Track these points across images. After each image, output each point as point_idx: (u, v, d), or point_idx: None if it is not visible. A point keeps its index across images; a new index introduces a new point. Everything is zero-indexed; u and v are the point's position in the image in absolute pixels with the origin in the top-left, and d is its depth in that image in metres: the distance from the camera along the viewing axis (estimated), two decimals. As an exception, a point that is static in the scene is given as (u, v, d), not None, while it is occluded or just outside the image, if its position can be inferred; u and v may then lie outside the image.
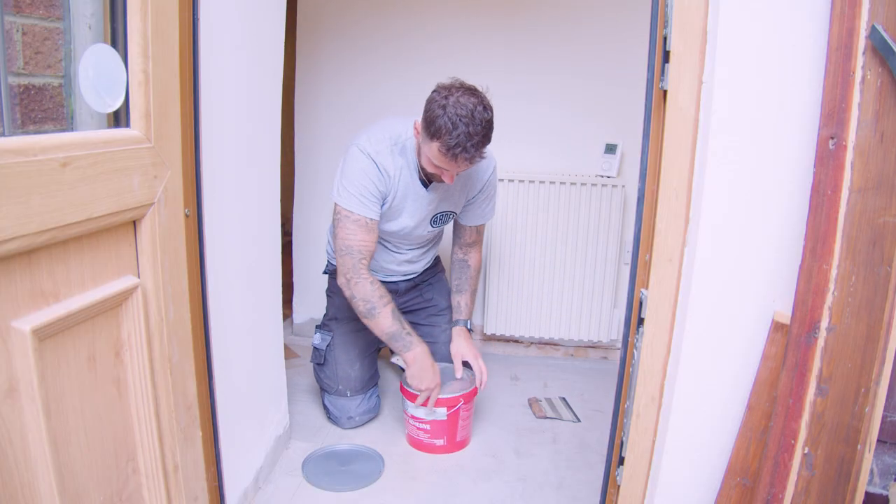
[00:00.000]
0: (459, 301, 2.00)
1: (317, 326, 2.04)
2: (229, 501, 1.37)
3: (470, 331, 1.99)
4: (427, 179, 1.74)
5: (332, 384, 1.93)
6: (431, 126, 1.53)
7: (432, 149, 1.56)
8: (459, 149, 1.51)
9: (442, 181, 1.66)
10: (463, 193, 1.85)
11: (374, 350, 2.05)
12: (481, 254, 2.05)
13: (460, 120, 1.50)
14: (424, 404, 1.73)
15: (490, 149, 1.72)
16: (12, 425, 0.74)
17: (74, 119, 1.03)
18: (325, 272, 2.11)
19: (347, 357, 1.94)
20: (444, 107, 1.52)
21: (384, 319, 1.71)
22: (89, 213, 0.83)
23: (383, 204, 1.72)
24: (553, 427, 1.99)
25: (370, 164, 1.67)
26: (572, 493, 1.63)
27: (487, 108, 1.57)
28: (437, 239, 2.05)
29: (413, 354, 1.73)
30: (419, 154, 1.67)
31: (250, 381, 1.52)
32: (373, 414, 1.97)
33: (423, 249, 1.98)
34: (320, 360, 1.95)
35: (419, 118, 1.60)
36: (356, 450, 1.79)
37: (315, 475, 1.66)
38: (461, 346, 1.92)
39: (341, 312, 2.00)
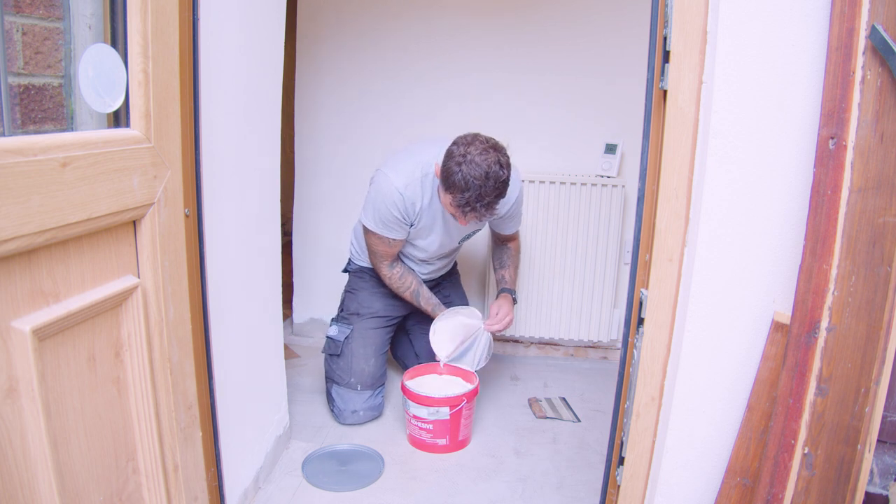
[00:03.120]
0: (503, 274, 2.10)
1: (332, 319, 2.05)
2: (229, 501, 1.37)
3: (515, 301, 2.08)
4: None
5: (344, 376, 1.93)
6: (447, 180, 1.61)
7: (447, 198, 1.65)
8: (468, 208, 1.60)
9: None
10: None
11: (386, 350, 2.06)
12: (518, 241, 2.16)
13: (474, 181, 1.56)
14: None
15: (515, 166, 1.77)
16: (12, 425, 0.74)
17: (74, 119, 1.03)
18: (345, 270, 2.17)
19: (364, 352, 1.95)
20: (460, 164, 1.57)
21: (407, 297, 1.97)
22: (89, 213, 0.83)
23: (411, 225, 1.84)
24: (553, 427, 1.99)
25: (397, 197, 1.75)
26: (572, 493, 1.63)
27: (504, 166, 1.61)
28: (458, 250, 2.13)
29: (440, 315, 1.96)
30: (443, 201, 1.73)
31: (250, 381, 1.52)
32: (376, 413, 1.97)
33: (449, 258, 2.11)
34: (336, 351, 1.96)
35: (444, 151, 1.66)
36: (356, 450, 1.79)
37: (315, 475, 1.66)
38: (502, 306, 2.02)
39: (364, 309, 2.02)
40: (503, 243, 2.13)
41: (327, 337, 2.01)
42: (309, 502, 1.56)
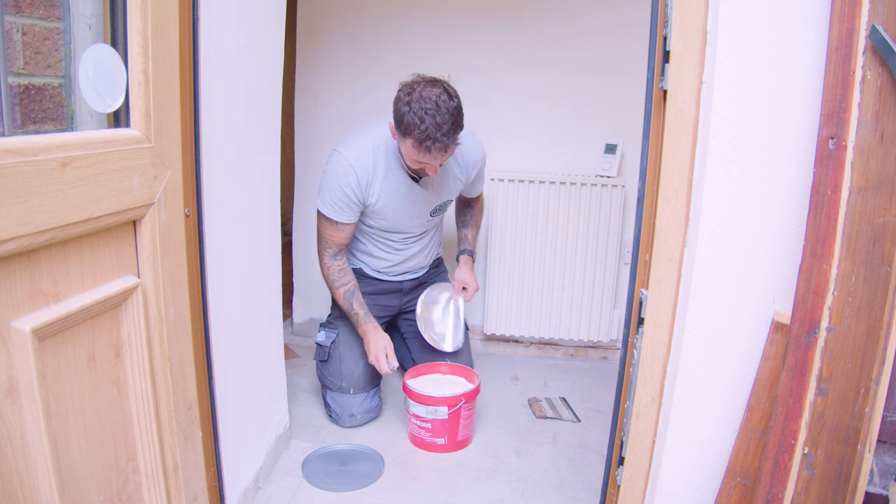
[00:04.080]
0: (466, 234, 2.14)
1: (321, 325, 2.05)
2: (229, 501, 1.37)
3: (473, 260, 2.13)
4: (417, 175, 1.82)
5: (335, 381, 1.93)
6: (401, 125, 1.61)
7: (407, 146, 1.63)
8: (430, 141, 1.57)
9: (428, 174, 1.74)
10: (457, 183, 1.95)
11: None
12: (482, 201, 2.19)
13: (426, 113, 1.56)
14: (381, 368, 1.88)
15: (473, 131, 1.92)
16: (12, 425, 0.74)
17: (74, 119, 1.03)
18: None
19: (352, 354, 1.94)
20: (408, 103, 1.58)
21: (338, 297, 1.92)
22: (89, 213, 0.83)
23: (367, 206, 1.83)
24: (553, 427, 1.99)
25: (348, 170, 1.77)
26: (572, 493, 1.63)
27: (452, 95, 1.62)
28: (437, 230, 2.11)
29: (362, 329, 1.91)
30: (403, 156, 1.73)
31: (250, 381, 1.52)
32: (374, 414, 1.97)
33: (426, 240, 2.06)
34: (324, 356, 1.96)
35: (392, 122, 1.68)
36: (356, 450, 1.79)
37: (315, 475, 1.66)
38: (464, 275, 2.08)
39: None
40: (468, 205, 2.16)
41: (316, 343, 2.01)
42: (309, 502, 1.56)
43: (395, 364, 1.88)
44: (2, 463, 0.73)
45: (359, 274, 2.05)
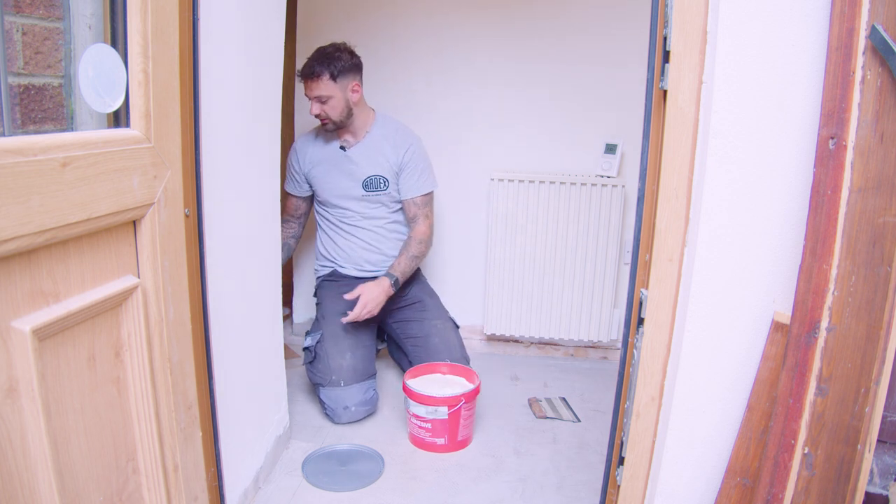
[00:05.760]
0: (397, 260, 2.11)
1: (307, 332, 2.07)
2: (229, 501, 1.37)
3: (394, 285, 2.04)
4: (347, 146, 2.10)
5: (325, 376, 1.93)
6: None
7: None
8: (303, 68, 1.96)
9: (327, 126, 2.03)
10: (387, 160, 2.10)
11: (369, 345, 2.06)
12: (426, 226, 2.16)
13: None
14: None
15: (409, 126, 2.17)
16: (12, 425, 0.74)
17: (74, 119, 1.03)
18: (314, 294, 2.28)
19: (338, 348, 1.96)
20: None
21: None
22: (89, 213, 0.83)
23: (307, 175, 2.16)
24: (553, 427, 1.99)
25: (293, 148, 2.19)
26: (572, 493, 1.63)
27: (336, 45, 1.99)
28: (390, 218, 2.17)
29: None
30: None
31: (250, 381, 1.52)
32: (370, 407, 1.96)
33: (377, 225, 2.16)
34: (311, 357, 1.98)
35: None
36: (356, 450, 1.79)
37: (315, 475, 1.66)
38: (367, 286, 1.99)
39: (328, 311, 2.06)
40: (411, 226, 2.17)
41: (303, 348, 2.03)
42: (309, 502, 1.56)
43: None
44: (2, 463, 0.73)
45: (335, 276, 2.19)
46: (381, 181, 2.10)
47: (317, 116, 2.00)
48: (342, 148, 2.10)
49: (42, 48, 0.97)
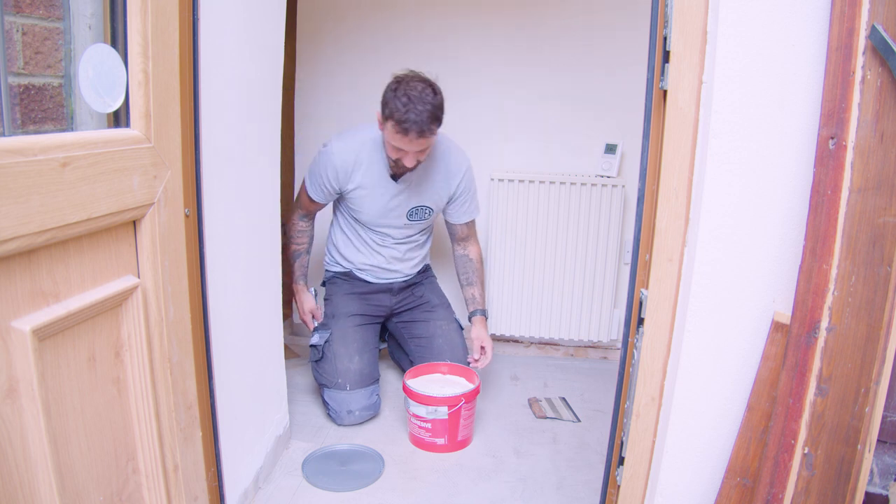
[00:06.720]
0: (473, 293, 2.15)
1: (314, 328, 2.06)
2: (229, 501, 1.37)
3: (486, 318, 2.15)
4: (397, 174, 1.93)
5: (331, 378, 1.93)
6: (386, 108, 1.74)
7: (388, 130, 1.75)
8: (409, 123, 1.69)
9: (408, 169, 1.83)
10: (438, 191, 2.00)
11: (375, 348, 2.06)
12: (479, 245, 2.20)
13: (409, 99, 1.70)
14: (308, 327, 2.09)
15: (462, 149, 2.03)
16: (12, 425, 0.74)
17: (74, 119, 1.03)
18: (323, 283, 2.23)
19: (346, 351, 1.95)
20: (395, 90, 1.73)
21: (288, 251, 2.08)
22: (89, 213, 0.83)
23: (345, 191, 1.98)
24: (553, 427, 1.99)
25: (327, 163, 1.93)
26: (572, 493, 1.63)
27: (437, 92, 1.77)
28: (421, 240, 2.13)
29: (293, 287, 2.14)
30: (386, 145, 1.84)
31: (250, 381, 1.52)
32: (373, 412, 1.97)
33: (407, 247, 2.10)
34: (318, 356, 1.97)
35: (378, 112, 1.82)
36: (356, 450, 1.79)
37: (315, 475, 1.66)
38: (480, 333, 2.10)
39: (339, 310, 2.04)
40: (463, 249, 2.16)
41: (310, 345, 2.01)
42: (309, 502, 1.56)
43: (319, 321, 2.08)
44: (2, 463, 0.73)
45: (349, 276, 2.12)
46: (427, 211, 2.02)
47: (411, 168, 1.83)
48: (393, 177, 1.94)
49: (42, 48, 0.97)
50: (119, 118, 0.97)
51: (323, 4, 2.42)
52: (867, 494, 0.94)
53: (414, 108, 1.68)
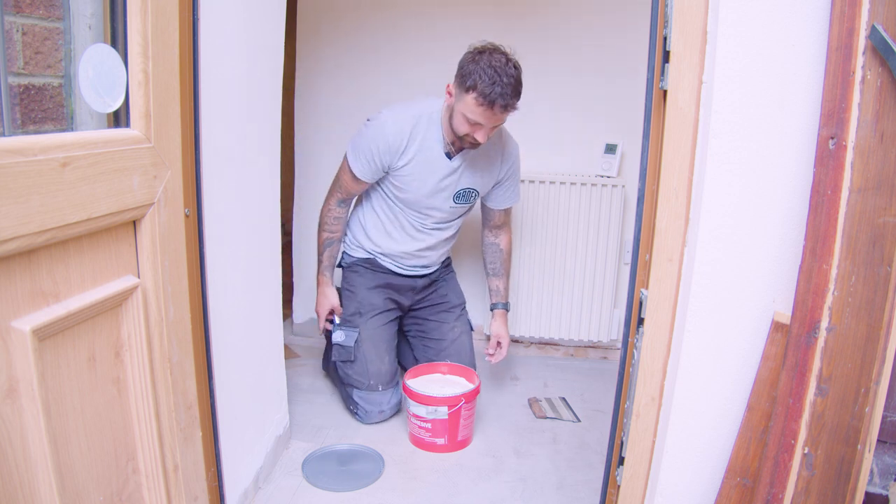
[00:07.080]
0: (498, 285, 2.13)
1: (335, 325, 2.00)
2: (229, 501, 1.37)
3: (507, 311, 2.14)
4: (453, 152, 1.83)
5: (363, 380, 1.92)
6: (466, 80, 1.63)
7: (467, 102, 1.64)
8: (495, 95, 1.60)
9: (473, 146, 1.75)
10: (490, 172, 1.92)
11: (395, 343, 2.06)
12: (510, 235, 2.15)
13: (494, 71, 1.60)
14: (327, 328, 2.04)
15: (512, 133, 1.96)
16: (12, 425, 0.74)
17: (74, 119, 1.03)
18: (338, 265, 2.10)
19: (377, 352, 1.95)
20: (477, 61, 1.63)
21: (319, 238, 2.00)
22: (89, 213, 0.83)
23: (394, 168, 1.83)
24: (553, 427, 1.99)
25: (379, 135, 1.78)
26: (572, 493, 1.63)
27: (517, 66, 1.66)
28: (454, 229, 2.03)
29: (318, 279, 2.03)
30: (451, 118, 1.74)
31: (250, 381, 1.52)
32: (399, 408, 1.98)
33: (440, 237, 1.99)
34: (349, 356, 1.93)
35: (451, 83, 1.73)
36: (356, 450, 1.79)
37: (315, 475, 1.66)
38: (500, 329, 2.09)
39: (365, 307, 1.99)
40: (495, 237, 2.10)
41: (335, 344, 1.97)
42: (309, 502, 1.56)
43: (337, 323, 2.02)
44: (2, 463, 0.73)
45: (371, 263, 2.02)
46: (473, 194, 1.93)
47: (479, 144, 1.74)
48: (447, 155, 1.83)
49: (42, 48, 0.97)
50: (119, 118, 0.97)
51: (323, 4, 2.42)
52: (867, 494, 0.94)
53: (500, 80, 1.59)
